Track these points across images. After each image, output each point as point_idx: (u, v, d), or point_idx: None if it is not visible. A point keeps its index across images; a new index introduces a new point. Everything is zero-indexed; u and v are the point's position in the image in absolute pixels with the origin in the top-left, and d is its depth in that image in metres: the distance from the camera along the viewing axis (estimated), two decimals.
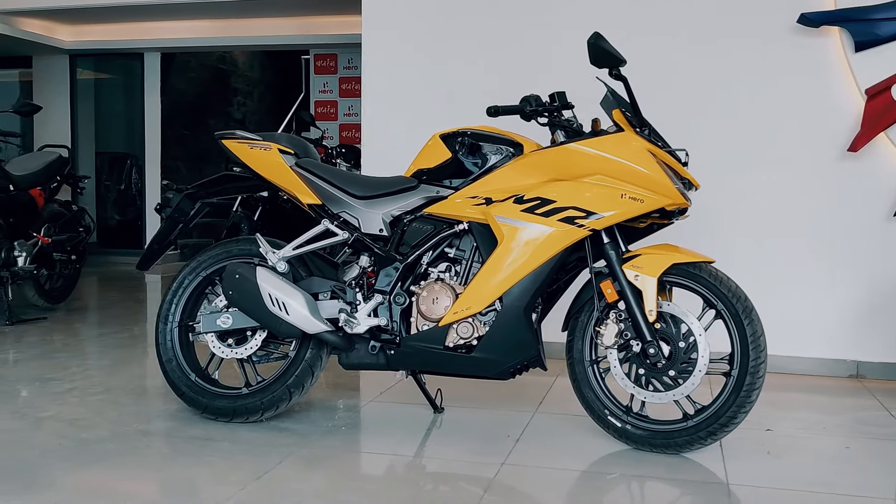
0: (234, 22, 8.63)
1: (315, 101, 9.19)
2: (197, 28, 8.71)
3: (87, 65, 9.56)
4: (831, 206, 4.15)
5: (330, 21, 8.40)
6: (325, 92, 9.17)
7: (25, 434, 3.07)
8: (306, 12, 8.27)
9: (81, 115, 9.51)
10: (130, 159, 9.41)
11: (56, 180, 5.71)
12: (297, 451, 2.93)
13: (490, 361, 3.01)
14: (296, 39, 8.51)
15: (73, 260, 5.87)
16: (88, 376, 3.97)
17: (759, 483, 2.69)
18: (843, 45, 4.05)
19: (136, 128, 9.46)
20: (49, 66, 9.36)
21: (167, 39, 8.78)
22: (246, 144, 3.32)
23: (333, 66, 9.14)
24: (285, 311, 3.06)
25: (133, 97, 9.54)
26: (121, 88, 9.84)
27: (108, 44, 8.93)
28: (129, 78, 9.61)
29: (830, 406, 3.71)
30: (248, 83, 11.01)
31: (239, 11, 8.28)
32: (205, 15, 8.49)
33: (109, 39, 8.91)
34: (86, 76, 9.65)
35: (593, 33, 2.92)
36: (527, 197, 2.95)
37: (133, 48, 8.97)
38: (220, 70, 10.36)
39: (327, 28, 8.37)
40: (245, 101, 10.80)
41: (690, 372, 2.88)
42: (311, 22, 8.46)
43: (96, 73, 9.79)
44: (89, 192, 9.17)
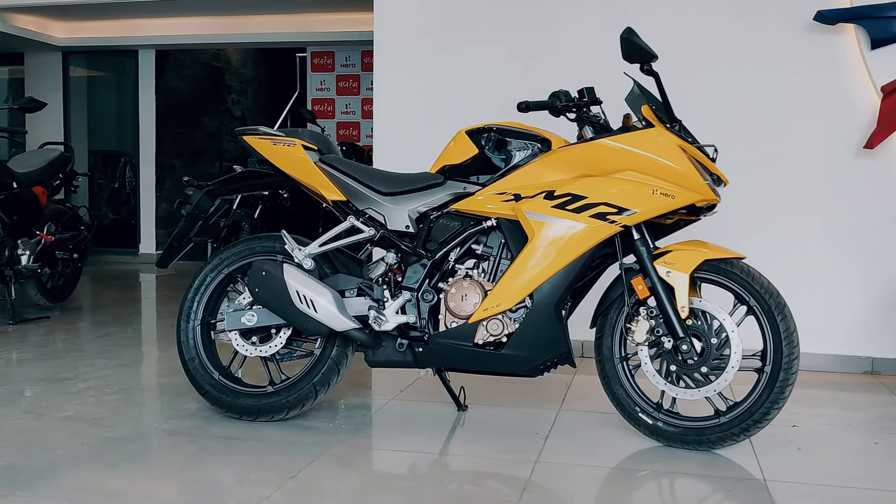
0: (230, 19, 8.56)
1: (312, 99, 9.14)
2: (192, 25, 8.63)
3: (80, 62, 9.45)
4: (846, 202, 4.16)
5: (328, 18, 8.35)
6: (323, 90, 9.12)
7: (48, 434, 3.02)
8: (304, 9, 8.21)
9: (74, 112, 9.41)
10: (124, 157, 9.31)
11: (58, 178, 5.64)
12: (326, 450, 2.90)
13: (520, 358, 2.99)
14: (293, 37, 8.45)
15: (76, 259, 5.80)
16: (102, 376, 3.92)
17: (795, 479, 2.68)
18: (858, 42, 4.06)
19: (130, 125, 9.37)
20: (41, 63, 9.25)
21: (162, 36, 8.69)
22: (269, 140, 3.28)
23: (331, 64, 9.09)
24: (313, 308, 3.03)
25: (126, 95, 9.45)
26: (114, 86, 9.74)
27: (102, 41, 8.84)
28: (122, 75, 9.52)
29: (851, 402, 3.72)
30: (243, 80, 10.93)
31: (235, 8, 8.22)
32: (200, 12, 8.42)
33: (103, 36, 8.81)
34: (79, 73, 9.54)
35: (626, 28, 2.91)
36: (557, 193, 2.93)
37: (127, 45, 8.88)
38: (214, 67, 10.28)
39: (325, 25, 8.32)
40: (239, 99, 10.72)
41: (723, 368, 2.87)
42: (308, 19, 8.40)
43: (89, 70, 9.68)
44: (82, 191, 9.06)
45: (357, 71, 9.04)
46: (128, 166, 9.28)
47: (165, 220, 9.36)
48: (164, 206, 9.29)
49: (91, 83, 9.73)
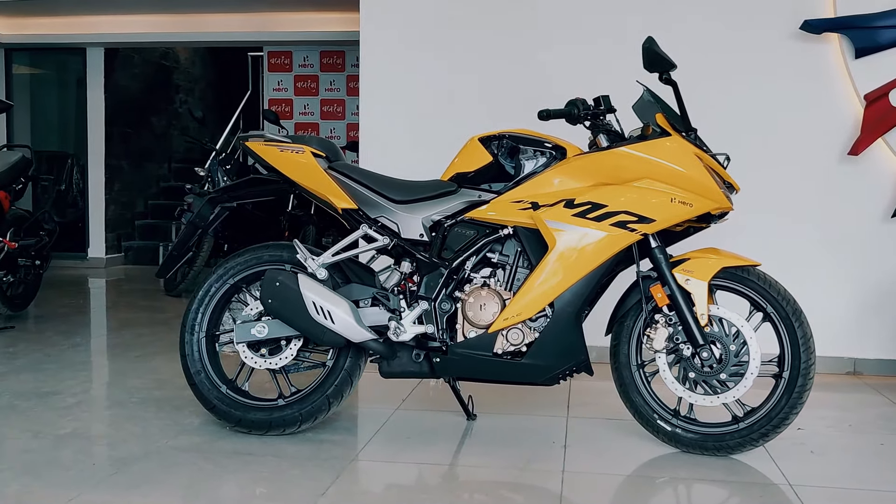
0: (183, 17, 8.34)
1: (269, 100, 8.98)
2: (144, 23, 8.38)
3: (23, 60, 9.11)
4: (831, 207, 4.27)
5: (285, 18, 8.20)
6: (280, 90, 8.97)
7: (51, 454, 2.89)
8: (260, 8, 8.05)
9: (17, 111, 9.06)
10: (71, 158, 9.00)
11: (21, 182, 5.41)
12: (348, 464, 2.85)
13: (540, 367, 2.98)
14: (249, 36, 8.28)
15: (38, 265, 5.58)
16: (88, 388, 3.78)
17: (819, 483, 2.73)
18: (842, 51, 4.16)
19: (78, 125, 9.07)
20: None
21: (112, 34, 8.42)
22: (275, 147, 3.20)
23: (288, 64, 8.95)
24: (330, 319, 2.97)
25: (73, 93, 9.15)
26: (60, 84, 9.41)
27: (47, 38, 8.52)
28: (68, 73, 9.21)
29: (845, 403, 3.81)
30: (193, 80, 10.68)
31: (189, 6, 8.02)
32: (152, 9, 8.18)
33: (49, 33, 8.50)
34: (22, 71, 9.19)
35: (647, 38, 2.93)
36: (577, 201, 2.93)
37: (75, 43, 8.59)
38: (165, 66, 10.02)
39: (282, 25, 8.17)
40: (187, 99, 10.47)
41: (742, 375, 2.91)
42: (265, 18, 8.24)
43: (32, 68, 9.34)
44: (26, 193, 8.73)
45: (316, 71, 8.92)
46: (75, 168, 8.97)
47: (115, 223, 9.09)
48: (113, 209, 9.03)
49: (35, 81, 9.39)
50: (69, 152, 9.10)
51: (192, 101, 10.47)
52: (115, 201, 9.06)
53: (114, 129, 9.02)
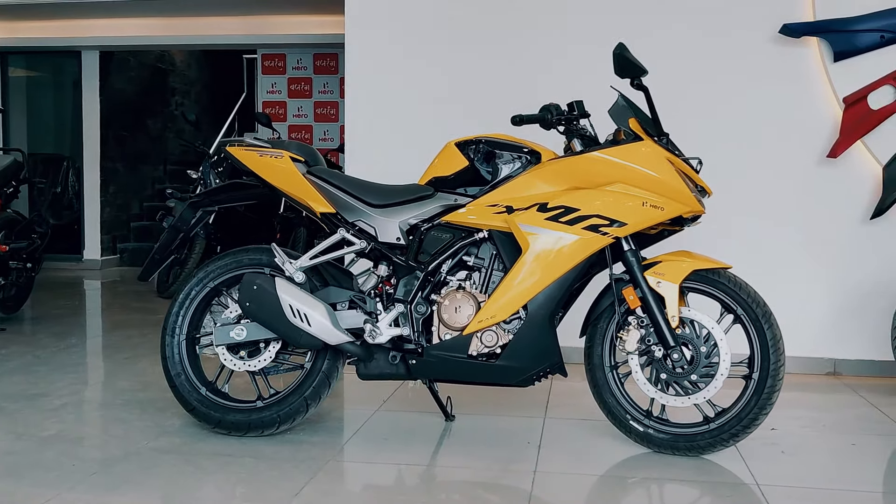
0: (178, 20, 8.39)
1: (263, 102, 9.04)
2: (139, 26, 8.44)
3: (19, 62, 9.17)
4: (810, 209, 4.31)
5: (279, 20, 8.25)
6: (274, 92, 9.02)
7: (33, 456, 2.94)
8: (254, 11, 8.11)
9: (13, 115, 9.12)
10: (67, 160, 9.06)
11: (12, 185, 5.47)
12: (323, 464, 2.89)
13: (514, 369, 3.02)
14: (243, 39, 8.33)
15: (29, 268, 5.63)
16: (76, 391, 3.83)
17: (787, 483, 2.77)
18: (821, 55, 4.20)
19: (73, 128, 9.13)
20: None
21: (107, 37, 8.48)
22: (255, 152, 3.25)
23: (282, 67, 9.00)
24: (307, 322, 3.01)
25: (68, 96, 9.21)
26: (55, 87, 9.47)
27: (42, 41, 8.58)
28: (63, 76, 9.27)
29: (821, 403, 3.85)
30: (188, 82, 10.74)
31: (184, 9, 8.07)
32: (147, 12, 8.23)
33: (44, 37, 8.56)
34: (18, 74, 9.25)
35: (618, 44, 2.97)
36: (550, 205, 2.97)
37: (70, 46, 8.64)
38: (160, 69, 10.08)
39: (276, 28, 8.23)
40: (183, 101, 10.52)
41: (712, 376, 2.95)
42: (259, 21, 8.30)
43: (28, 70, 9.40)
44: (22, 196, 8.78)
45: (309, 74, 8.97)
46: (70, 170, 9.03)
47: (110, 225, 9.15)
48: (108, 211, 9.08)
49: (31, 84, 9.45)
50: (65, 155, 9.16)
51: (188, 103, 10.53)
52: (110, 203, 9.12)
53: (109, 132, 9.08)
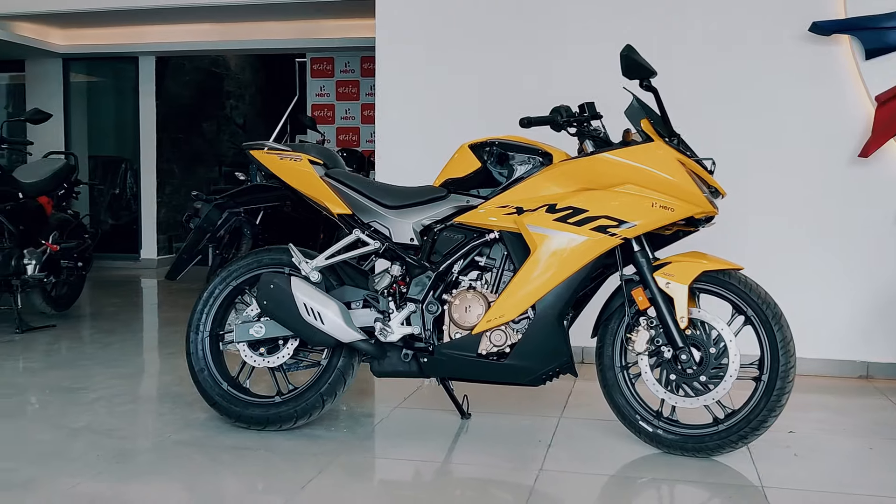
0: (230, 25, 8.62)
1: (312, 105, 9.21)
2: (192, 32, 8.68)
3: (80, 68, 9.51)
4: (841, 209, 4.24)
5: (327, 25, 8.40)
6: (322, 95, 9.19)
7: (62, 445, 3.08)
8: (303, 16, 8.26)
9: (75, 119, 9.46)
10: (125, 163, 9.37)
11: (63, 187, 5.69)
12: (334, 459, 2.97)
13: (523, 368, 3.06)
14: (293, 43, 8.51)
15: (80, 267, 5.85)
16: (112, 385, 3.98)
17: (792, 485, 2.75)
18: (853, 52, 4.14)
19: (131, 131, 9.42)
20: (42, 69, 9.29)
21: (162, 43, 8.75)
22: (275, 155, 3.35)
23: (330, 70, 9.16)
24: (320, 320, 3.10)
25: (127, 101, 9.51)
26: (114, 92, 9.80)
27: (102, 48, 8.89)
28: (122, 81, 9.57)
29: (845, 407, 3.79)
30: (242, 86, 10.99)
31: (236, 15, 8.27)
32: (200, 18, 8.47)
33: (103, 43, 8.86)
34: (79, 80, 9.59)
35: (626, 45, 2.98)
36: (559, 206, 3.00)
37: (128, 52, 8.93)
38: (214, 73, 10.34)
39: (324, 31, 8.38)
40: (237, 105, 10.78)
41: (721, 377, 2.94)
42: (308, 25, 8.46)
43: (89, 76, 9.74)
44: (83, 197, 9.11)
45: (356, 76, 9.11)
46: (128, 172, 9.33)
47: (166, 226, 9.42)
48: (164, 212, 9.35)
49: (91, 89, 9.79)
50: (123, 157, 9.46)
51: (242, 106, 10.78)
52: (166, 204, 9.39)
53: (165, 135, 9.35)
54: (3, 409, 3.56)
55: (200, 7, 7.70)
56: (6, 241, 5.12)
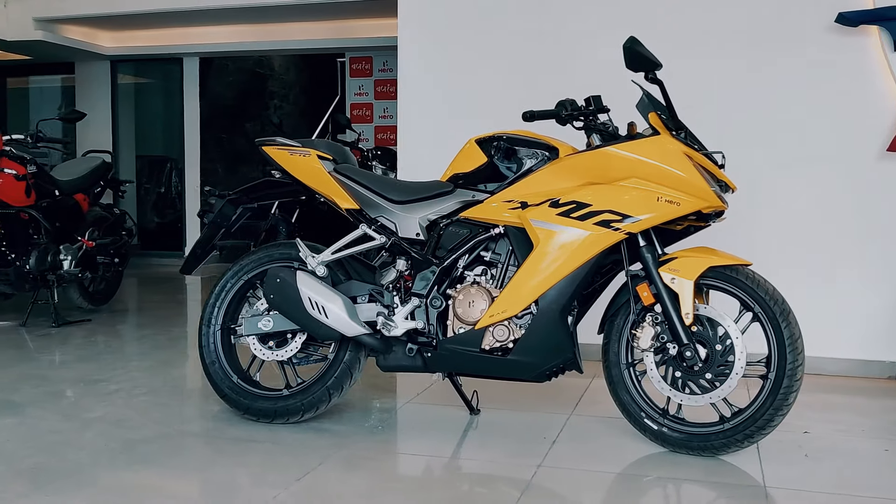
0: (270, 26, 8.74)
1: (351, 104, 9.28)
2: (234, 33, 8.83)
3: (127, 70, 9.73)
4: (869, 205, 4.13)
5: (365, 24, 8.47)
6: (361, 94, 9.25)
7: (74, 435, 3.15)
8: (341, 16, 8.34)
9: (122, 119, 9.68)
10: (170, 162, 9.56)
11: (100, 185, 5.83)
12: (336, 452, 2.99)
13: (526, 364, 3.04)
14: (331, 43, 8.60)
15: (116, 263, 5.99)
16: (133, 377, 4.06)
17: (796, 486, 2.69)
18: (882, 43, 4.02)
19: (176, 131, 9.61)
20: (91, 71, 9.54)
21: (206, 44, 8.91)
22: (286, 151, 3.38)
23: (369, 69, 9.21)
24: (324, 314, 3.12)
25: (172, 101, 9.70)
26: (160, 93, 10.01)
27: (147, 49, 9.09)
28: (168, 82, 9.78)
29: (868, 408, 3.69)
30: (284, 86, 11.13)
31: (275, 16, 8.38)
32: (242, 20, 8.60)
33: (149, 45, 9.06)
34: (126, 81, 9.82)
35: (629, 37, 2.94)
36: (562, 201, 2.97)
37: (172, 53, 9.12)
38: (256, 74, 10.50)
39: (362, 31, 8.44)
40: (281, 105, 10.91)
41: (727, 375, 2.88)
42: (346, 25, 8.53)
43: (136, 77, 9.96)
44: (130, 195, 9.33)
45: (394, 75, 9.12)
46: (173, 171, 9.51)
47: None
48: None
49: (138, 90, 10.01)
50: (169, 157, 9.65)
51: (286, 106, 10.90)
52: None
53: (209, 135, 9.52)
54: (26, 398, 3.65)
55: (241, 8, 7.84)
56: (42, 237, 5.26)
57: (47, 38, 8.29)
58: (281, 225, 7.30)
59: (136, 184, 9.64)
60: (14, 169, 4.98)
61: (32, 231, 5.23)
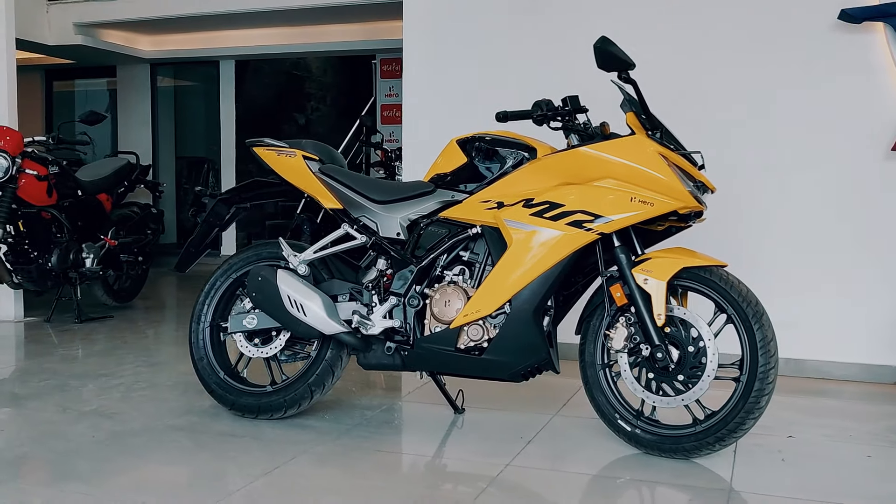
0: (302, 29, 8.87)
1: (381, 105, 9.36)
2: (268, 35, 8.98)
3: (166, 73, 9.95)
4: (874, 206, 4.03)
5: (395, 25, 8.51)
6: (391, 96, 9.33)
7: (65, 427, 3.26)
8: (372, 17, 8.43)
9: (162, 120, 9.91)
10: (207, 163, 9.75)
11: (123, 185, 5.98)
12: (312, 447, 3.04)
13: (500, 363, 3.04)
14: (363, 45, 8.70)
15: (140, 261, 6.14)
16: (138, 372, 4.18)
17: (763, 490, 2.65)
18: (887, 40, 3.92)
19: (213, 133, 9.81)
20: (131, 74, 9.79)
21: (240, 47, 9.08)
22: (273, 151, 3.45)
23: (399, 70, 9.26)
24: (303, 312, 3.17)
25: (209, 103, 9.90)
26: (198, 95, 10.23)
27: (185, 52, 9.30)
28: (206, 84, 9.98)
29: (865, 413, 3.61)
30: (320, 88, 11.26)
31: (307, 18, 8.51)
32: (275, 23, 8.75)
33: (186, 48, 9.27)
34: (165, 84, 10.05)
35: (600, 37, 2.93)
36: (536, 201, 2.98)
37: (209, 56, 9.31)
38: (292, 75, 10.65)
39: (392, 33, 8.50)
40: (318, 106, 11.05)
41: (699, 377, 2.86)
42: (377, 27, 8.61)
43: (175, 80, 10.18)
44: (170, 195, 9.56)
45: None
46: (210, 172, 9.71)
47: (245, 223, 9.74)
48: None
49: (177, 92, 10.24)
50: (206, 158, 9.86)
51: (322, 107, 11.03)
52: None
53: (244, 136, 9.68)
54: (30, 391, 3.78)
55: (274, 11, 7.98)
56: (64, 235, 5.42)
57: (87, 42, 8.54)
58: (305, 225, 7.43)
59: (176, 184, 9.87)
60: (35, 170, 5.14)
61: (55, 230, 5.39)
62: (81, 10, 8.28)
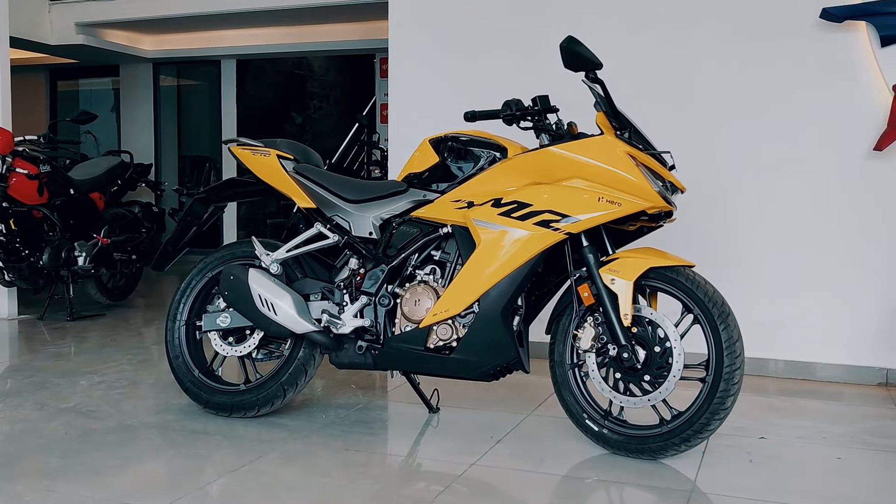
0: (304, 28, 8.88)
1: (381, 105, 9.36)
2: (269, 35, 9.00)
3: (169, 72, 10.00)
4: (857, 207, 4.00)
5: None
6: None
7: (39, 424, 3.28)
8: (372, 17, 8.42)
9: (165, 120, 9.96)
10: (209, 162, 9.79)
11: (117, 184, 6.02)
12: (281, 446, 3.05)
13: (469, 363, 3.04)
14: (363, 44, 8.69)
15: (135, 259, 6.17)
16: (121, 370, 4.20)
17: (725, 492, 2.64)
18: (869, 40, 3.89)
19: (215, 132, 9.85)
20: (134, 74, 9.84)
21: (241, 47, 9.10)
22: (249, 150, 3.47)
23: None
24: (273, 311, 3.18)
25: (211, 103, 9.94)
26: (200, 94, 10.27)
27: (187, 52, 9.33)
28: (207, 84, 10.02)
29: (844, 414, 3.59)
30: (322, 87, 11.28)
31: (309, 18, 8.52)
32: (276, 22, 8.77)
33: (188, 48, 9.31)
34: (168, 83, 10.10)
35: (566, 37, 2.92)
36: (504, 200, 2.98)
37: (210, 55, 9.34)
38: (292, 75, 10.68)
39: None
40: (320, 105, 11.07)
41: (666, 377, 2.85)
42: (377, 26, 8.61)
43: (178, 79, 10.23)
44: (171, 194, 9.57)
45: None
46: (212, 171, 9.75)
47: (246, 222, 9.78)
48: (244, 209, 9.72)
49: (180, 92, 10.28)
50: (208, 157, 9.90)
51: (324, 107, 11.05)
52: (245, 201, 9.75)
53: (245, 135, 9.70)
54: (11, 388, 3.82)
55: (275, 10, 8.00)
56: (56, 234, 5.46)
57: (89, 42, 8.59)
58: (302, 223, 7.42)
59: (179, 182, 9.90)
60: (26, 168, 5.18)
61: (47, 228, 5.43)
62: (82, 10, 8.33)
